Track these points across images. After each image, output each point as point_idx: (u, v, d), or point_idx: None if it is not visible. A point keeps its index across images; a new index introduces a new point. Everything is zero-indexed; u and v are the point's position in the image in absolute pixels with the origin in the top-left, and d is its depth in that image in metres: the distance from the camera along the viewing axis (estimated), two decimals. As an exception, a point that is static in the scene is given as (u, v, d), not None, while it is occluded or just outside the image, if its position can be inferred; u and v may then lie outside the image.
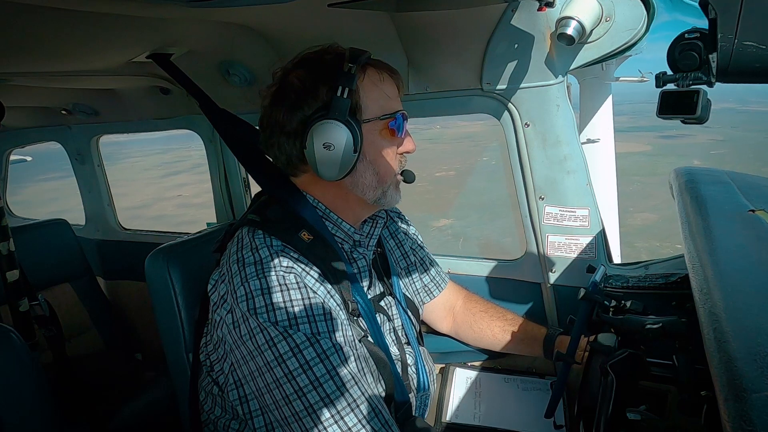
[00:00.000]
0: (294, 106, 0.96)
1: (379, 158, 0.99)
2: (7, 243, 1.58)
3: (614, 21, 1.09)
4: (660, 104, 0.85)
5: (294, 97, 0.96)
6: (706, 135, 19.03)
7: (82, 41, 1.16)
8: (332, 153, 0.91)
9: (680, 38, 0.79)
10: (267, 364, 0.84)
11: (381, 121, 0.97)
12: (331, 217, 1.03)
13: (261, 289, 0.86)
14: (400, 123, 0.99)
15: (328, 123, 0.91)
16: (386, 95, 0.99)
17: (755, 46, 0.65)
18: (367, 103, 0.96)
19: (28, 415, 1.07)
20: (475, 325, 1.35)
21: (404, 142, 1.03)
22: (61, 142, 2.40)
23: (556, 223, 1.33)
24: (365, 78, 0.96)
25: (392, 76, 1.01)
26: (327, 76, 0.93)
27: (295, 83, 0.96)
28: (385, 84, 0.99)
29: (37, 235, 2.13)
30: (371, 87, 0.97)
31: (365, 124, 0.95)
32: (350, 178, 0.98)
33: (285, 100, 0.97)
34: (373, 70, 0.98)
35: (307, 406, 0.83)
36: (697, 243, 0.81)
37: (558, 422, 1.21)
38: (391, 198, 1.03)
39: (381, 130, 0.98)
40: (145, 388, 1.83)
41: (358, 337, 0.95)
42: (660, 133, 19.14)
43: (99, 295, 2.32)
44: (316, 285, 0.90)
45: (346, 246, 1.05)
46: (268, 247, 0.91)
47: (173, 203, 11.91)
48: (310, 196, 1.02)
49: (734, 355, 0.50)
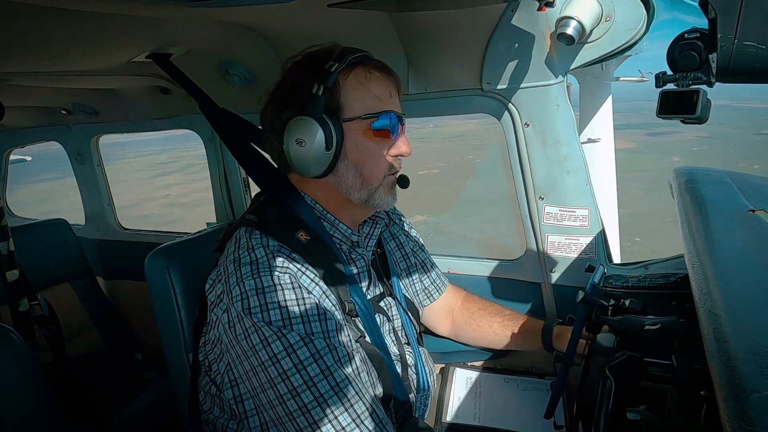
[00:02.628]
0: (282, 104, 0.97)
1: (362, 159, 0.97)
2: (7, 243, 1.58)
3: (614, 21, 1.09)
4: (660, 104, 0.85)
5: (284, 95, 0.97)
6: (694, 132, 19.12)
7: (82, 41, 1.16)
8: (304, 149, 0.92)
9: (680, 38, 0.79)
10: (261, 363, 0.84)
11: (364, 121, 0.95)
12: (328, 217, 1.03)
13: (256, 288, 0.86)
14: (386, 124, 0.96)
15: (301, 119, 0.92)
16: (374, 95, 0.96)
17: (755, 46, 0.65)
18: (350, 101, 0.95)
19: (28, 415, 1.07)
20: (474, 323, 1.35)
21: (397, 143, 1.00)
22: (60, 141, 2.40)
23: (556, 223, 1.33)
24: (350, 76, 0.95)
25: (385, 77, 0.99)
26: (312, 74, 0.94)
27: (287, 81, 0.98)
28: (373, 83, 0.97)
29: (37, 235, 2.13)
30: (356, 86, 0.95)
31: (347, 123, 0.94)
32: (333, 178, 0.98)
33: (278, 99, 0.98)
34: (361, 69, 0.96)
35: (301, 406, 0.83)
36: (697, 243, 0.81)
37: (558, 422, 1.21)
38: (381, 200, 1.01)
39: (365, 130, 0.96)
40: (145, 388, 1.83)
41: (354, 337, 0.95)
42: (648, 130, 19.26)
43: (99, 295, 2.32)
44: (312, 285, 0.90)
45: (345, 247, 1.05)
46: (264, 248, 0.91)
47: (160, 203, 11.99)
48: (307, 196, 1.02)
49: (734, 355, 0.50)
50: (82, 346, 2.15)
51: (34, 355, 1.57)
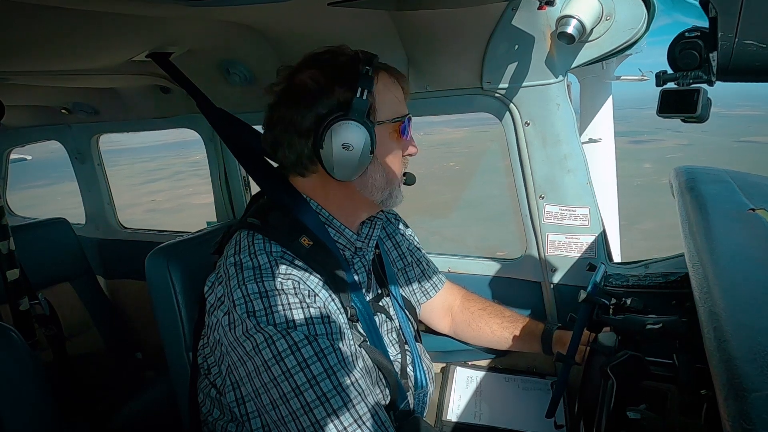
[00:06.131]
0: (308, 105, 0.95)
1: (387, 160, 1.00)
2: (7, 242, 1.58)
3: (614, 20, 1.09)
4: (660, 103, 0.85)
5: (308, 97, 0.95)
6: (675, 140, 19.30)
7: (82, 40, 1.16)
8: (350, 153, 0.91)
9: (680, 37, 0.79)
10: (264, 363, 0.84)
11: (392, 124, 0.99)
12: (334, 223, 1.03)
13: (259, 292, 0.86)
14: (406, 126, 1.01)
15: (348, 123, 0.91)
16: (397, 99, 1.01)
17: (756, 45, 0.65)
18: (381, 105, 0.97)
19: (28, 415, 1.07)
20: (474, 323, 1.35)
21: (408, 144, 1.04)
22: (61, 141, 2.40)
23: (557, 222, 1.33)
24: (379, 81, 0.97)
25: (400, 80, 1.03)
26: (343, 77, 0.94)
27: (308, 83, 0.95)
28: (395, 87, 1.01)
29: (38, 234, 2.13)
30: (384, 90, 0.98)
31: (378, 126, 0.96)
32: (360, 179, 0.98)
33: (298, 99, 0.96)
34: (385, 73, 0.99)
35: (304, 405, 0.83)
36: (697, 242, 0.81)
37: (558, 422, 1.21)
38: (396, 198, 1.04)
39: (391, 132, 0.99)
40: (145, 388, 1.83)
41: (357, 342, 0.96)
42: (632, 138, 19.43)
43: (99, 294, 2.32)
44: (315, 291, 0.90)
45: (347, 253, 1.06)
46: (267, 254, 0.91)
47: (143, 208, 12.29)
48: (313, 201, 1.02)
49: (734, 355, 0.50)
50: (83, 345, 2.15)
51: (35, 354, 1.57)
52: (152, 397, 1.73)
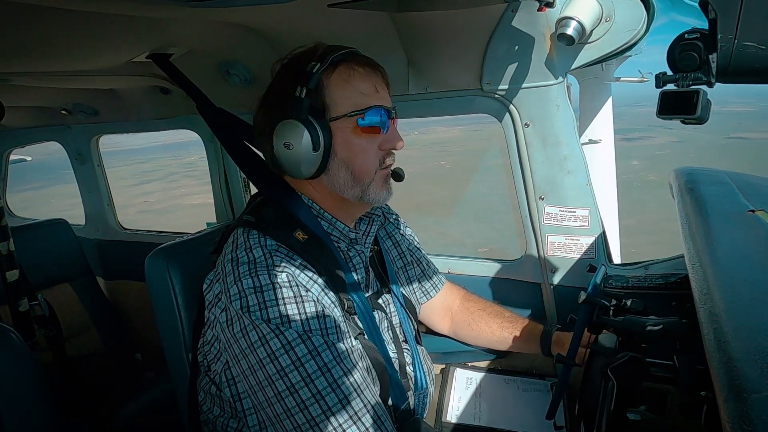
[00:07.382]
0: (269, 108, 0.98)
1: (352, 156, 0.97)
2: (7, 243, 1.58)
3: (614, 21, 1.09)
4: (660, 104, 0.85)
5: (271, 99, 0.98)
6: (666, 137, 19.29)
7: (82, 41, 1.16)
8: (292, 152, 0.93)
9: (680, 38, 0.79)
10: (259, 361, 0.85)
11: (350, 118, 0.95)
12: (325, 216, 1.03)
13: (254, 287, 0.86)
14: (374, 119, 0.96)
15: (287, 123, 0.93)
16: (359, 92, 0.96)
17: (755, 47, 0.65)
18: (336, 100, 0.95)
19: (28, 415, 1.07)
20: (473, 324, 1.35)
21: (388, 138, 0.99)
22: (61, 142, 2.40)
23: (556, 223, 1.33)
24: (334, 75, 0.95)
25: (371, 72, 0.98)
26: (296, 76, 0.94)
27: (275, 85, 0.99)
28: (357, 80, 0.96)
29: (37, 235, 2.13)
30: (340, 84, 0.95)
31: (334, 122, 0.95)
32: (326, 177, 0.98)
33: (265, 103, 1.00)
34: (344, 66, 0.95)
35: (299, 402, 0.83)
36: (697, 243, 0.81)
37: (558, 423, 1.21)
38: (375, 195, 1.00)
39: (353, 127, 0.96)
40: (145, 388, 1.82)
41: (353, 334, 0.95)
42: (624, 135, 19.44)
43: (99, 295, 2.32)
44: (310, 283, 0.90)
45: (343, 245, 1.06)
46: (262, 247, 0.91)
47: (135, 210, 12.34)
48: (305, 196, 1.03)
49: (734, 356, 0.50)
50: (82, 346, 2.15)
51: (34, 355, 1.57)
52: (152, 397, 1.73)
